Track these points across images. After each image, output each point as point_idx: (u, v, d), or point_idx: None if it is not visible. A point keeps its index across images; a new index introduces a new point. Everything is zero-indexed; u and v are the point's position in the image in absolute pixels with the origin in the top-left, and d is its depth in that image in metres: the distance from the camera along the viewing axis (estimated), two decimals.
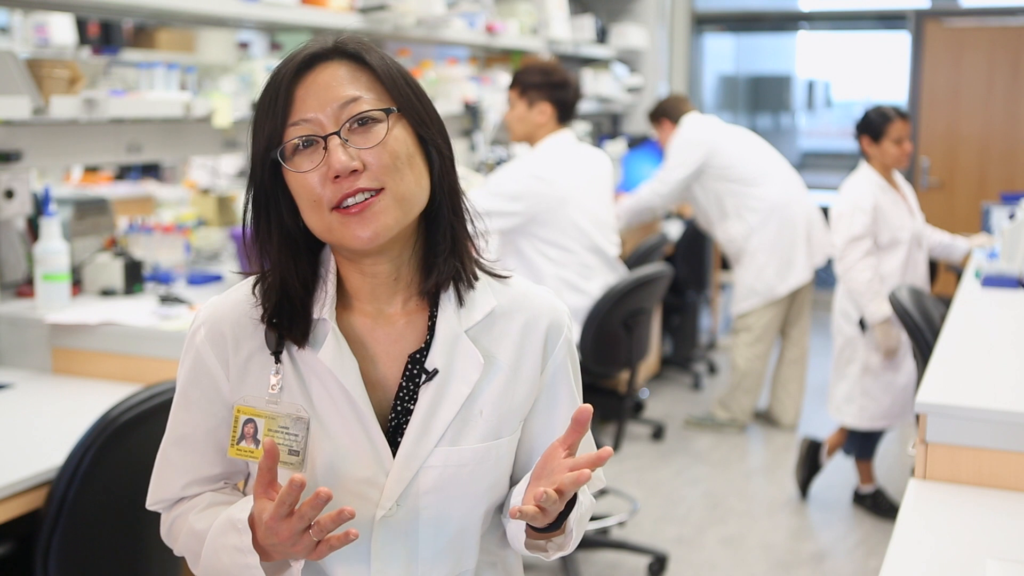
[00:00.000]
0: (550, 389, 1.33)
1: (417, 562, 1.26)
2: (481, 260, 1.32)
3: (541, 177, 3.35)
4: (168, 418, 1.34)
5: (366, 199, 1.18)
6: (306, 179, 1.19)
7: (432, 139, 1.25)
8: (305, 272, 1.26)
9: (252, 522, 1.19)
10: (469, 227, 1.30)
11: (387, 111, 1.21)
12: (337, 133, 1.18)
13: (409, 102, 1.24)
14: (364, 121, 1.20)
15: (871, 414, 3.93)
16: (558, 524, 1.23)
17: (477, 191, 3.39)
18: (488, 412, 1.27)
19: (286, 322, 1.25)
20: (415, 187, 1.22)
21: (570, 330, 1.35)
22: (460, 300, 1.27)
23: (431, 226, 1.27)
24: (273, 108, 1.21)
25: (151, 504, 1.36)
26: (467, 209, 1.30)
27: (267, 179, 1.22)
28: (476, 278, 1.29)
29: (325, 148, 1.18)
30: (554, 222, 3.37)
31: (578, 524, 1.28)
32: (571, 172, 3.42)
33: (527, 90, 3.49)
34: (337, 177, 1.18)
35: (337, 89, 1.20)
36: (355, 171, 1.18)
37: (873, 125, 3.93)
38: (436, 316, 1.27)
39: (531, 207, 3.34)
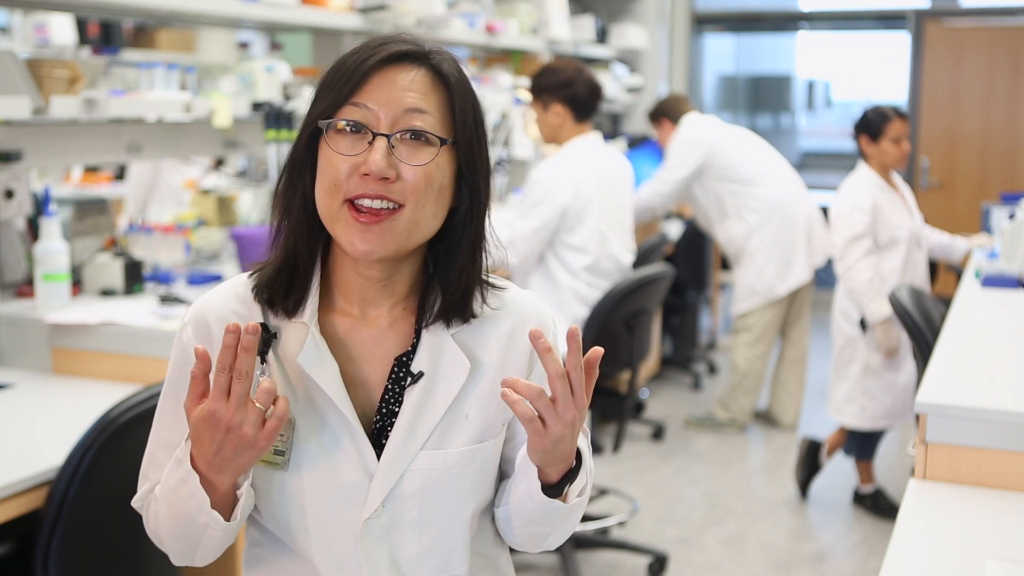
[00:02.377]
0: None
1: (403, 564, 1.26)
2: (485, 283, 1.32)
3: (562, 185, 3.38)
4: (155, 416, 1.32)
5: (382, 209, 1.18)
6: (337, 161, 1.19)
7: (473, 181, 1.25)
8: (315, 243, 1.25)
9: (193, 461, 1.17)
10: (487, 259, 1.30)
11: (443, 140, 1.21)
12: (388, 136, 1.18)
13: (468, 138, 1.24)
14: (418, 136, 1.19)
15: (872, 414, 3.93)
16: (560, 489, 1.23)
17: (518, 225, 3.42)
18: (474, 415, 1.27)
19: (282, 289, 1.24)
20: (430, 219, 1.22)
21: (555, 336, 1.34)
22: (448, 324, 1.27)
23: (447, 261, 1.26)
24: (343, 82, 1.20)
25: (136, 502, 1.33)
26: (487, 249, 1.29)
27: (306, 144, 1.22)
28: (475, 316, 1.28)
29: (371, 143, 1.18)
30: (578, 226, 3.39)
31: (589, 475, 1.29)
32: (592, 175, 3.43)
33: (539, 94, 3.50)
34: (366, 175, 1.17)
35: (409, 94, 1.20)
36: (386, 178, 1.18)
37: (871, 125, 3.93)
38: (422, 320, 1.27)
39: (556, 216, 3.38)
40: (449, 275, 1.26)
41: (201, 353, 1.13)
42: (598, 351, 1.16)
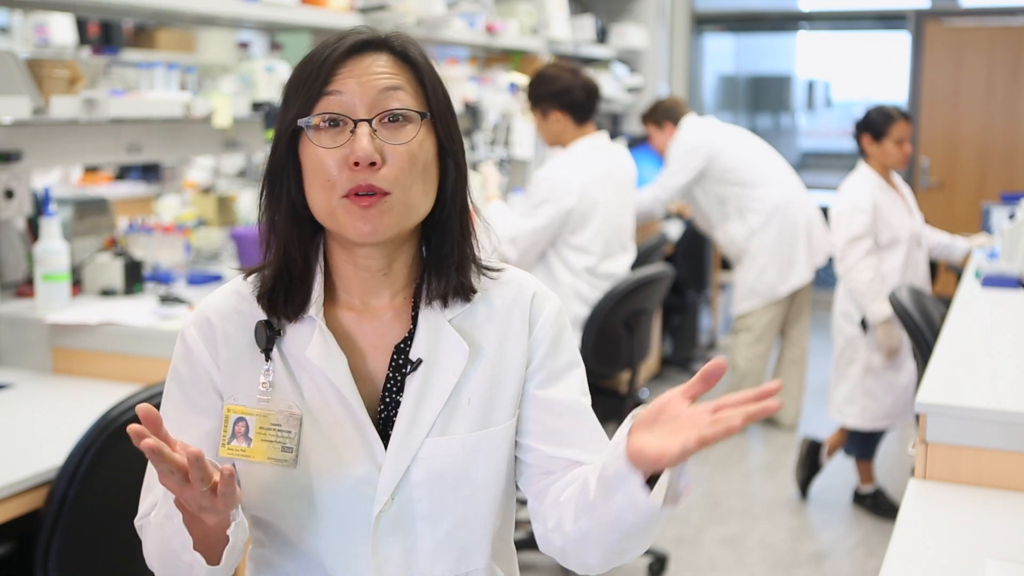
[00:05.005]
0: (546, 363, 1.31)
1: (417, 557, 1.26)
2: (481, 263, 1.32)
3: (568, 186, 3.38)
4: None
5: (374, 195, 1.19)
6: (323, 158, 1.19)
7: (455, 153, 1.26)
8: (307, 246, 1.26)
9: None
10: (475, 240, 1.30)
11: (422, 114, 1.22)
12: (368, 121, 1.19)
13: (442, 110, 1.25)
14: (396, 118, 1.20)
15: (873, 414, 3.93)
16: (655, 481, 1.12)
17: (524, 222, 3.41)
18: (476, 400, 1.27)
19: (281, 297, 1.25)
20: (421, 196, 1.23)
21: (555, 311, 1.32)
22: (445, 305, 1.27)
23: (437, 237, 1.28)
24: (311, 80, 1.20)
25: (138, 520, 1.31)
26: (475, 226, 1.30)
27: (286, 149, 1.22)
28: (475, 291, 1.29)
29: (352, 132, 1.19)
30: (582, 228, 3.39)
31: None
32: (598, 177, 3.43)
33: (537, 102, 3.51)
34: (356, 164, 1.18)
35: (380, 76, 1.21)
36: (373, 163, 1.18)
37: (875, 124, 3.93)
38: (419, 307, 1.28)
39: (560, 217, 3.37)
40: (442, 250, 1.28)
41: (193, 457, 1.08)
42: (719, 366, 1.05)
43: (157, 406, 1.35)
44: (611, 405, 3.74)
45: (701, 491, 4.26)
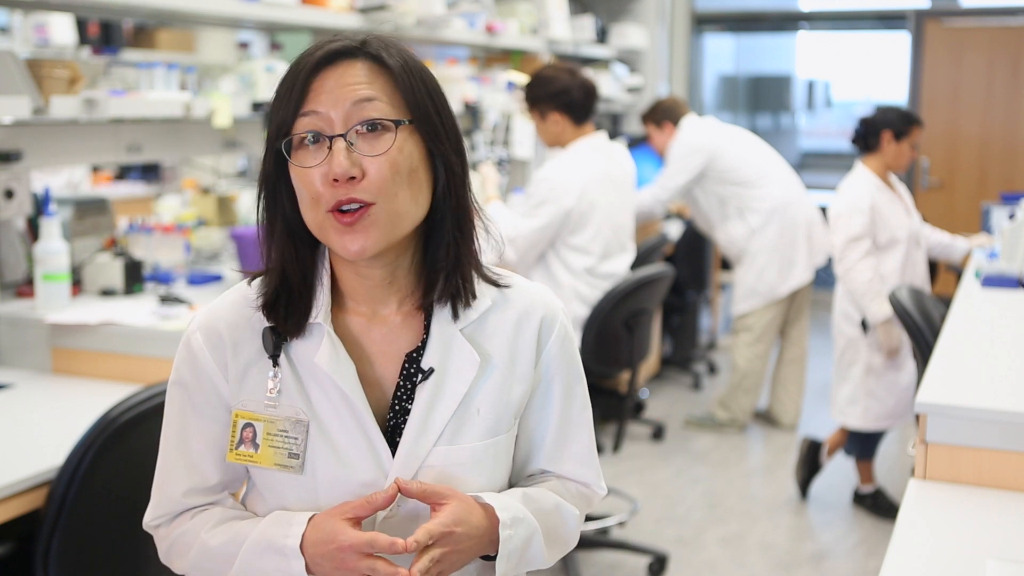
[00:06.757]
0: (544, 384, 1.33)
1: None
2: (483, 268, 1.32)
3: (567, 187, 3.37)
4: (162, 428, 1.32)
5: (358, 209, 1.18)
6: (308, 174, 1.18)
7: (443, 154, 1.24)
8: (305, 263, 1.25)
9: (302, 546, 1.19)
10: (478, 238, 1.29)
11: (398, 122, 1.20)
12: (343, 136, 1.17)
13: (425, 113, 1.22)
14: (374, 127, 1.18)
15: (875, 415, 3.92)
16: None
17: (523, 224, 3.40)
18: (485, 410, 1.27)
19: (282, 311, 1.24)
20: (410, 204, 1.21)
21: (563, 326, 1.34)
22: (455, 313, 1.27)
23: (432, 239, 1.27)
24: (287, 97, 1.20)
25: (151, 520, 1.32)
26: (475, 227, 1.29)
27: (273, 167, 1.22)
28: (475, 296, 1.28)
29: (330, 148, 1.18)
30: (581, 229, 3.39)
31: (525, 545, 1.27)
32: (597, 177, 3.42)
33: (535, 104, 3.50)
34: (336, 180, 1.17)
35: (354, 87, 1.19)
36: (353, 178, 1.17)
37: (898, 124, 3.94)
38: (432, 315, 1.27)
39: (559, 218, 3.36)
40: (437, 252, 1.26)
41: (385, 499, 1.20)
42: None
43: (158, 406, 1.36)
44: (611, 405, 3.75)
45: (701, 491, 4.26)
